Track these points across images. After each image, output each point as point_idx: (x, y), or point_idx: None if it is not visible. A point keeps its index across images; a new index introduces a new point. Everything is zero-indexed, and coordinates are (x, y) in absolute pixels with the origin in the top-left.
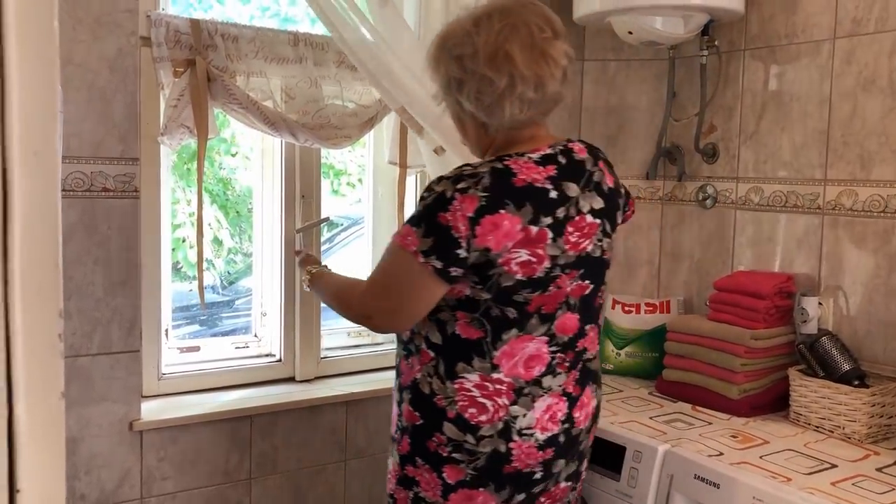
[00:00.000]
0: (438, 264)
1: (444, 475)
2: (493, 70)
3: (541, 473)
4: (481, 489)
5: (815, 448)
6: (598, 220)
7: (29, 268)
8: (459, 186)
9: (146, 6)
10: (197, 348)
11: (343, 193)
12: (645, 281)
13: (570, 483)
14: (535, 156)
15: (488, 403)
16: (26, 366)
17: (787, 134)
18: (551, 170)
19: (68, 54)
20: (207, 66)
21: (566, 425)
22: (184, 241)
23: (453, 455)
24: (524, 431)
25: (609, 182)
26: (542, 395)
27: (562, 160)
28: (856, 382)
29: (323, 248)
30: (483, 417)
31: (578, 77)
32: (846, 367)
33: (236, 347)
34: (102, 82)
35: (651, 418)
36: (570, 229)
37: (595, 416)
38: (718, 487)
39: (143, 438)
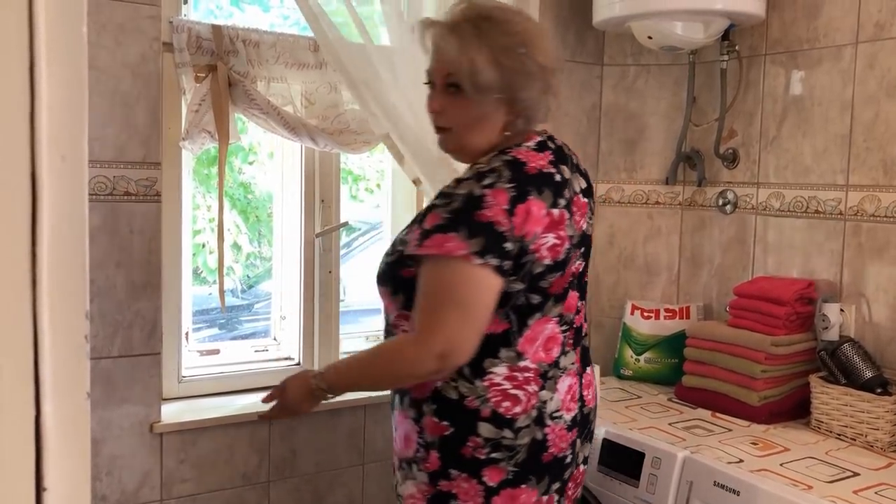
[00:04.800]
0: (496, 262)
1: (485, 479)
2: (556, 69)
3: (570, 457)
4: (523, 486)
5: (836, 456)
6: (586, 199)
7: (56, 270)
8: (485, 183)
9: (169, 12)
10: (217, 351)
11: (361, 199)
12: (664, 286)
13: (585, 466)
14: (530, 144)
15: (520, 394)
16: (53, 366)
17: (809, 139)
18: (549, 155)
19: (91, 60)
20: (229, 72)
21: (580, 404)
22: (204, 246)
23: (492, 455)
24: (554, 415)
25: (581, 165)
26: (562, 376)
27: (551, 146)
28: (878, 390)
29: (341, 252)
30: (518, 409)
31: (598, 82)
32: (869, 374)
33: (256, 351)
34: (125, 87)
35: (670, 424)
36: (574, 209)
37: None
38: (738, 495)
39: (163, 440)
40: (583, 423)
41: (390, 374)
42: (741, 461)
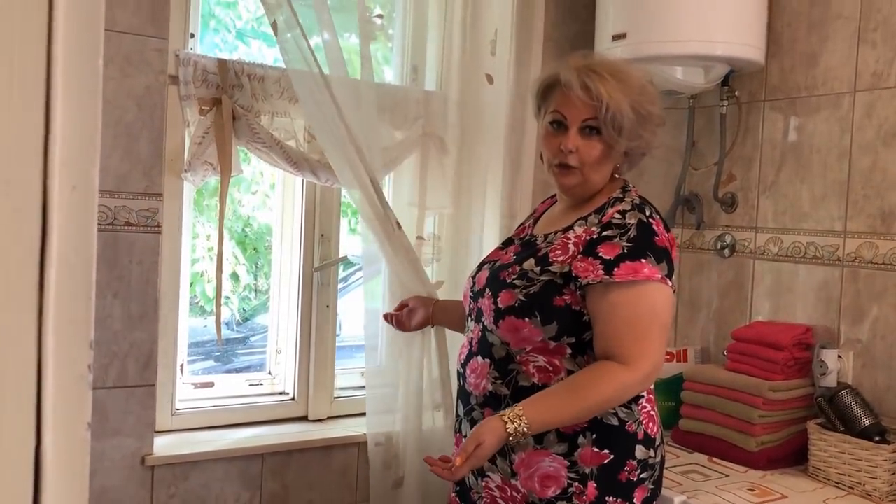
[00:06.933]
0: (673, 284)
1: (635, 500)
2: (664, 118)
3: None
4: (654, 502)
5: None
6: None
7: (63, 299)
8: (648, 213)
9: (175, 45)
10: (211, 384)
11: (361, 232)
12: None
13: None
14: (627, 186)
15: (653, 412)
16: (55, 396)
17: (807, 185)
18: None
19: None
20: (233, 105)
21: None
22: (202, 275)
23: (641, 476)
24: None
25: None
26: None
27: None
28: (877, 438)
29: (339, 286)
30: (655, 427)
31: None
32: (866, 422)
33: (250, 384)
34: (130, 118)
35: (667, 468)
36: None
37: None
38: None
39: (154, 474)
40: None
41: (601, 404)
42: None
